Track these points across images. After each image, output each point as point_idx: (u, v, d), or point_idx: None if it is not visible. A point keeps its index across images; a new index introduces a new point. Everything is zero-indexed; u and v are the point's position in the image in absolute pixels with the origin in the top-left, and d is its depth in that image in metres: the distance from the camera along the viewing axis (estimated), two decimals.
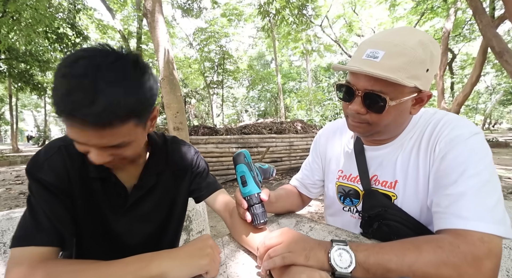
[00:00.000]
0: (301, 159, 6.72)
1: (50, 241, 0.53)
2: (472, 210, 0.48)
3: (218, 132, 5.68)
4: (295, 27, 6.34)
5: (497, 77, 20.33)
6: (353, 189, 0.76)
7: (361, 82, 0.57)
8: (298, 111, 12.62)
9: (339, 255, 0.46)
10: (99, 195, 0.63)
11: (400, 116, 0.61)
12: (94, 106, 0.41)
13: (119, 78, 0.44)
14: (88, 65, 0.43)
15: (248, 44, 19.39)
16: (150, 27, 4.25)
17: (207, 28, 11.69)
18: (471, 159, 0.52)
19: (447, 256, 0.43)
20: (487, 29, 5.57)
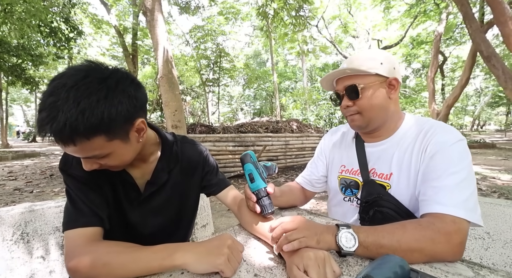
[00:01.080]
0: (296, 157, 6.83)
1: (92, 222, 0.62)
2: (449, 199, 0.61)
3: (215, 130, 5.73)
4: (292, 28, 6.41)
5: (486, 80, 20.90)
6: (354, 180, 0.87)
7: (340, 85, 0.82)
8: (293, 110, 12.74)
9: (345, 237, 0.56)
10: (118, 188, 0.71)
11: (378, 99, 0.77)
12: (54, 124, 0.44)
13: (82, 96, 0.46)
14: (58, 84, 0.46)
15: (245, 42, 19.37)
16: (150, 26, 4.26)
17: (204, 26, 11.65)
18: (454, 160, 0.65)
19: (425, 231, 0.57)
20: (476, 34, 5.77)
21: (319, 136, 7.38)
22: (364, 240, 0.56)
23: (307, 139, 7.07)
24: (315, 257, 0.50)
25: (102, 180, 0.67)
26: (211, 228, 1.58)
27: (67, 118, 0.45)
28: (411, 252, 0.55)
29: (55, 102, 0.45)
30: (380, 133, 0.83)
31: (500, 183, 4.39)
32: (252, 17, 13.67)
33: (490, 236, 0.95)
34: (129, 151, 0.60)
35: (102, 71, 0.52)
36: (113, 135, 0.53)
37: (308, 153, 7.10)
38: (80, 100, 0.46)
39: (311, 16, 6.93)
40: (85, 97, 0.46)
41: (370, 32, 16.65)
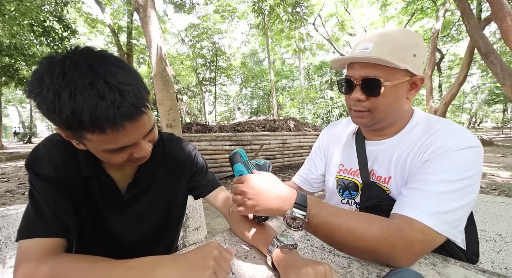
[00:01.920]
0: (294, 156, 6.77)
1: (55, 232, 0.53)
2: (426, 206, 0.54)
3: (212, 129, 5.65)
4: (288, 25, 6.33)
5: (483, 77, 21.01)
6: (353, 181, 0.78)
7: (357, 72, 0.64)
8: (290, 109, 12.69)
9: (293, 219, 0.53)
10: (95, 192, 0.62)
11: (397, 100, 0.65)
12: (131, 95, 0.44)
13: (130, 77, 0.46)
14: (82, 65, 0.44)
15: (241, 41, 19.30)
16: (142, 23, 4.16)
17: (199, 24, 11.55)
18: (452, 167, 0.56)
19: (390, 235, 0.51)
20: (474, 30, 5.73)
21: (317, 135, 7.33)
22: (316, 225, 0.54)
23: (304, 138, 7.02)
24: (314, 273, 0.42)
25: (76, 183, 0.59)
26: (204, 231, 1.50)
27: (140, 91, 0.46)
28: (365, 250, 0.52)
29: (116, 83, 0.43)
30: (385, 132, 0.73)
31: (499, 180, 4.36)
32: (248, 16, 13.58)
33: (502, 238, 0.89)
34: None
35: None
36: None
37: (305, 152, 7.05)
38: (133, 79, 0.46)
39: (307, 13, 6.86)
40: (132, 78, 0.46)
41: (367, 29, 16.63)
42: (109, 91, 0.42)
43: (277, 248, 0.54)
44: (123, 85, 0.43)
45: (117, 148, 0.49)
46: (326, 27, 15.56)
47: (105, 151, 0.49)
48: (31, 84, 0.43)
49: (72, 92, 0.40)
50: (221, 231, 0.75)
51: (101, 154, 0.51)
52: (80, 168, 0.59)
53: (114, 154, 0.51)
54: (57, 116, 0.42)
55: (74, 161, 0.59)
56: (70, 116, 0.41)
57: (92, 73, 0.42)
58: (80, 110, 0.41)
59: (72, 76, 0.41)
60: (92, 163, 0.60)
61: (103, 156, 0.52)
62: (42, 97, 0.42)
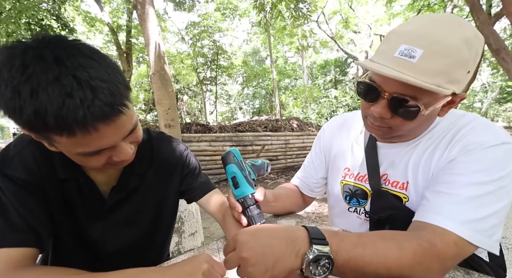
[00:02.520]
0: (297, 157, 6.72)
1: (24, 241, 0.49)
2: (458, 214, 0.48)
3: (212, 130, 5.63)
4: (291, 22, 6.31)
5: (493, 75, 20.78)
6: (361, 188, 0.72)
7: (390, 84, 0.51)
8: (293, 108, 12.64)
9: (315, 261, 0.39)
10: (73, 196, 0.58)
11: (426, 122, 0.58)
12: (105, 92, 0.39)
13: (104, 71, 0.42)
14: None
15: (243, 39, 19.30)
16: (140, 20, 4.16)
17: (200, 22, 11.55)
18: (483, 167, 0.50)
19: (425, 258, 0.45)
20: (484, 26, 5.65)
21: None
22: (343, 264, 0.41)
23: (308, 138, 6.97)
24: None
25: (50, 186, 0.55)
26: (201, 237, 1.46)
27: (117, 88, 0.42)
28: (396, 275, 0.44)
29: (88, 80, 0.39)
30: (402, 138, 0.65)
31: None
32: (250, 14, 13.57)
33: None
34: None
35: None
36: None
37: (309, 152, 7.00)
38: (110, 73, 0.42)
39: (311, 9, 6.82)
40: (106, 71, 0.42)
41: (372, 27, 16.53)
42: (78, 88, 0.37)
43: None
44: (95, 81, 0.39)
45: (91, 152, 0.44)
46: (330, 25, 15.52)
47: (78, 154, 0.45)
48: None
49: (33, 89, 0.36)
50: (218, 237, 0.71)
51: (75, 157, 0.47)
52: (56, 170, 0.55)
53: (90, 157, 0.46)
54: (17, 116, 0.38)
55: (48, 162, 0.55)
56: (32, 117, 0.37)
57: (59, 67, 0.37)
58: (44, 110, 0.36)
59: (34, 70, 0.36)
60: (69, 164, 0.56)
61: (78, 159, 0.48)
62: (0, 93, 0.37)
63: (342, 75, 20.56)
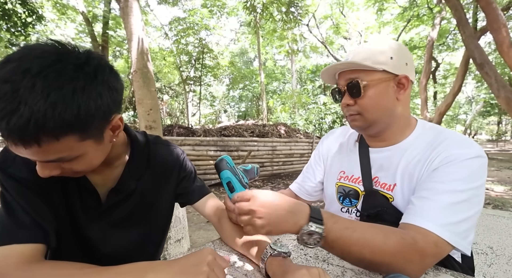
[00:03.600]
0: (283, 164, 6.84)
1: (34, 237, 0.52)
2: (440, 218, 0.59)
3: (195, 133, 5.62)
4: (282, 25, 6.50)
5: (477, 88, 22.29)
6: (354, 189, 0.83)
7: (342, 79, 0.77)
8: (281, 114, 12.86)
9: (309, 234, 0.52)
10: (74, 196, 0.63)
11: (383, 100, 0.73)
12: (14, 119, 0.38)
13: (53, 86, 0.40)
14: (15, 69, 0.39)
15: (230, 39, 19.44)
16: (123, 13, 4.14)
17: (185, 18, 11.55)
18: (460, 177, 0.62)
19: (407, 249, 0.55)
20: (469, 40, 6.13)
21: (308, 142, 7.46)
22: (332, 241, 0.54)
23: (295, 145, 7.12)
24: (309, 275, 0.47)
25: (52, 185, 0.59)
26: (187, 243, 1.49)
27: (32, 113, 0.38)
28: (380, 264, 0.55)
29: (15, 91, 0.38)
30: (386, 138, 0.80)
31: (493, 194, 4.62)
32: (239, 12, 13.76)
33: (493, 251, 0.96)
34: (100, 153, 0.55)
35: (77, 55, 0.45)
36: (87, 135, 0.47)
37: (296, 160, 7.14)
38: (50, 91, 0.39)
39: (302, 13, 7.08)
40: (57, 88, 0.40)
41: (362, 34, 17.31)
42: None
43: (270, 256, 0.57)
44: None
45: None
46: (321, 29, 16.07)
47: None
48: None
49: None
50: (204, 243, 0.77)
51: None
52: None
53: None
54: None
55: None
56: None
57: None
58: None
59: None
60: None
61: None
62: None
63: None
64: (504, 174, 7.01)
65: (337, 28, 16.93)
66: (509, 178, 6.46)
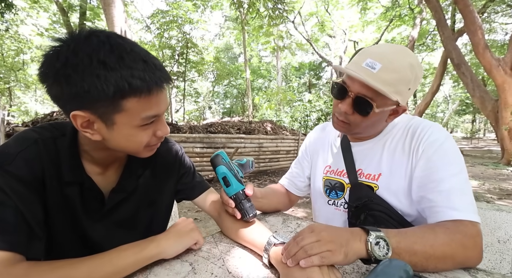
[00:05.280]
0: (270, 161, 6.90)
1: (17, 244, 0.49)
2: (461, 204, 0.64)
3: (181, 130, 5.54)
4: (268, 21, 6.51)
5: (454, 87, 23.45)
6: (339, 182, 0.89)
7: (356, 86, 0.71)
8: (266, 111, 12.92)
9: (376, 244, 0.53)
10: (74, 199, 0.62)
11: (377, 122, 0.78)
12: (161, 68, 0.53)
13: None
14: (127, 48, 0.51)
15: (215, 34, 19.21)
16: (104, 4, 3.99)
17: (168, 11, 11.27)
18: (451, 160, 0.69)
19: (454, 235, 0.59)
20: (448, 41, 6.44)
21: (294, 139, 7.56)
22: (396, 246, 0.54)
23: (281, 142, 7.19)
24: (318, 267, 0.49)
25: (52, 188, 0.58)
26: None
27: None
28: (444, 258, 0.57)
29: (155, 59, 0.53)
30: (365, 137, 0.86)
31: None
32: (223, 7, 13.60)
33: None
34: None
35: None
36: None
37: (282, 157, 7.22)
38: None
39: (288, 10, 7.12)
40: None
41: (346, 32, 17.67)
42: (147, 61, 0.51)
43: (274, 246, 0.59)
44: (155, 60, 0.53)
45: (151, 116, 0.54)
46: (306, 27, 16.23)
47: (139, 123, 0.54)
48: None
49: (122, 63, 0.49)
50: (209, 234, 0.78)
51: (129, 133, 0.55)
52: (61, 173, 0.58)
53: (143, 130, 0.55)
54: (100, 91, 0.47)
55: (54, 165, 0.58)
56: (120, 83, 0.48)
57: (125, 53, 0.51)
58: (131, 74, 0.48)
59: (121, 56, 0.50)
60: (76, 167, 0.60)
61: (129, 137, 0.55)
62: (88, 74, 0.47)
63: (316, 79, 21.48)
64: (478, 170, 7.45)
65: (322, 26, 17.19)
66: (482, 173, 6.88)
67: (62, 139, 0.60)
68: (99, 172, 0.65)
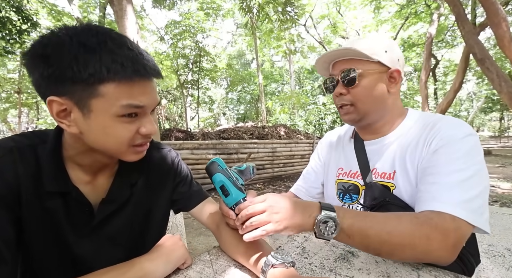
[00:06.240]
0: (284, 166, 6.79)
1: None
2: (450, 197, 0.58)
3: (194, 136, 5.58)
4: (278, 25, 6.49)
5: (478, 84, 22.31)
6: (353, 184, 0.83)
7: (336, 69, 0.78)
8: (280, 115, 12.83)
9: (324, 223, 0.53)
10: (57, 212, 0.56)
11: (376, 91, 0.75)
12: (148, 59, 0.51)
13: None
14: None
15: (227, 41, 19.49)
16: (117, 17, 4.12)
17: (181, 21, 11.57)
18: (460, 156, 0.62)
19: (421, 226, 0.54)
20: (469, 36, 6.11)
21: (309, 142, 7.41)
22: (348, 227, 0.54)
23: (296, 146, 7.08)
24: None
25: (29, 200, 0.53)
26: None
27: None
28: (402, 246, 0.54)
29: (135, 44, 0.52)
30: (379, 130, 0.81)
31: (500, 191, 4.56)
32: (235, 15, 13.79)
33: (511, 253, 0.90)
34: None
35: None
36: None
37: (297, 161, 7.09)
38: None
39: (298, 13, 7.07)
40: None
41: (360, 33, 17.34)
42: (136, 50, 0.50)
43: (272, 267, 0.52)
44: (144, 51, 0.52)
45: (132, 105, 0.50)
46: (318, 29, 16.10)
47: (117, 112, 0.49)
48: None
49: (109, 49, 0.48)
50: (204, 251, 0.72)
51: (106, 123, 0.50)
52: (42, 183, 0.53)
53: (122, 124, 0.51)
54: (77, 72, 0.45)
55: (33, 174, 0.53)
56: (101, 66, 0.45)
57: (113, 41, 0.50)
58: (115, 57, 0.47)
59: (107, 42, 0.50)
60: (59, 176, 0.55)
61: (106, 129, 0.50)
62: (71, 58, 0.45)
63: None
64: (510, 171, 6.95)
65: (334, 28, 16.96)
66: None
67: (43, 146, 0.56)
68: (87, 180, 0.60)
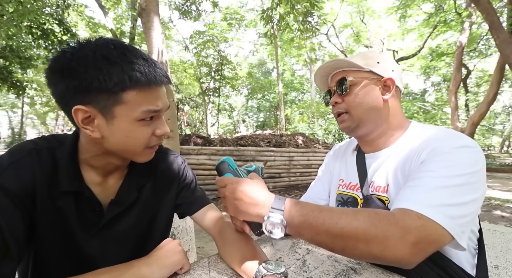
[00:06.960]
0: (301, 175, 6.68)
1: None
2: (425, 198, 0.53)
3: (212, 142, 5.67)
4: (299, 34, 6.52)
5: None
6: (352, 196, 0.82)
7: (333, 80, 0.82)
8: (299, 123, 12.74)
9: (271, 224, 0.53)
10: (69, 211, 0.60)
11: (369, 99, 0.75)
12: (160, 67, 0.57)
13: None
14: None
15: (249, 50, 19.87)
16: (145, 28, 4.36)
17: (205, 31, 11.99)
18: (449, 165, 0.57)
19: (379, 221, 0.49)
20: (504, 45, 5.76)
21: (327, 152, 7.28)
22: (298, 225, 0.53)
23: (313, 155, 6.96)
24: None
25: (44, 200, 0.56)
26: (194, 255, 1.45)
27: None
28: (355, 242, 0.49)
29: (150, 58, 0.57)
30: (376, 142, 0.80)
31: None
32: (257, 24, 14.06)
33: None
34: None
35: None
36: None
37: (314, 171, 6.96)
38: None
39: (320, 22, 7.07)
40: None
41: (384, 42, 16.94)
42: (148, 60, 0.55)
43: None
44: (153, 60, 0.57)
45: (151, 110, 0.55)
46: (340, 38, 15.96)
47: (138, 117, 0.54)
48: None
49: (127, 61, 0.53)
50: (212, 255, 0.72)
51: (128, 127, 0.55)
52: (57, 183, 0.57)
53: (141, 127, 0.56)
54: (102, 82, 0.50)
55: (49, 175, 0.57)
56: (122, 77, 0.51)
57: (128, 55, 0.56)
58: (132, 71, 0.52)
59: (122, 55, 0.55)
60: (75, 176, 0.59)
61: (128, 133, 0.55)
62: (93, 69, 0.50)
63: None
64: None
65: (357, 37, 16.73)
66: None
67: (61, 148, 0.60)
68: (98, 181, 0.63)
